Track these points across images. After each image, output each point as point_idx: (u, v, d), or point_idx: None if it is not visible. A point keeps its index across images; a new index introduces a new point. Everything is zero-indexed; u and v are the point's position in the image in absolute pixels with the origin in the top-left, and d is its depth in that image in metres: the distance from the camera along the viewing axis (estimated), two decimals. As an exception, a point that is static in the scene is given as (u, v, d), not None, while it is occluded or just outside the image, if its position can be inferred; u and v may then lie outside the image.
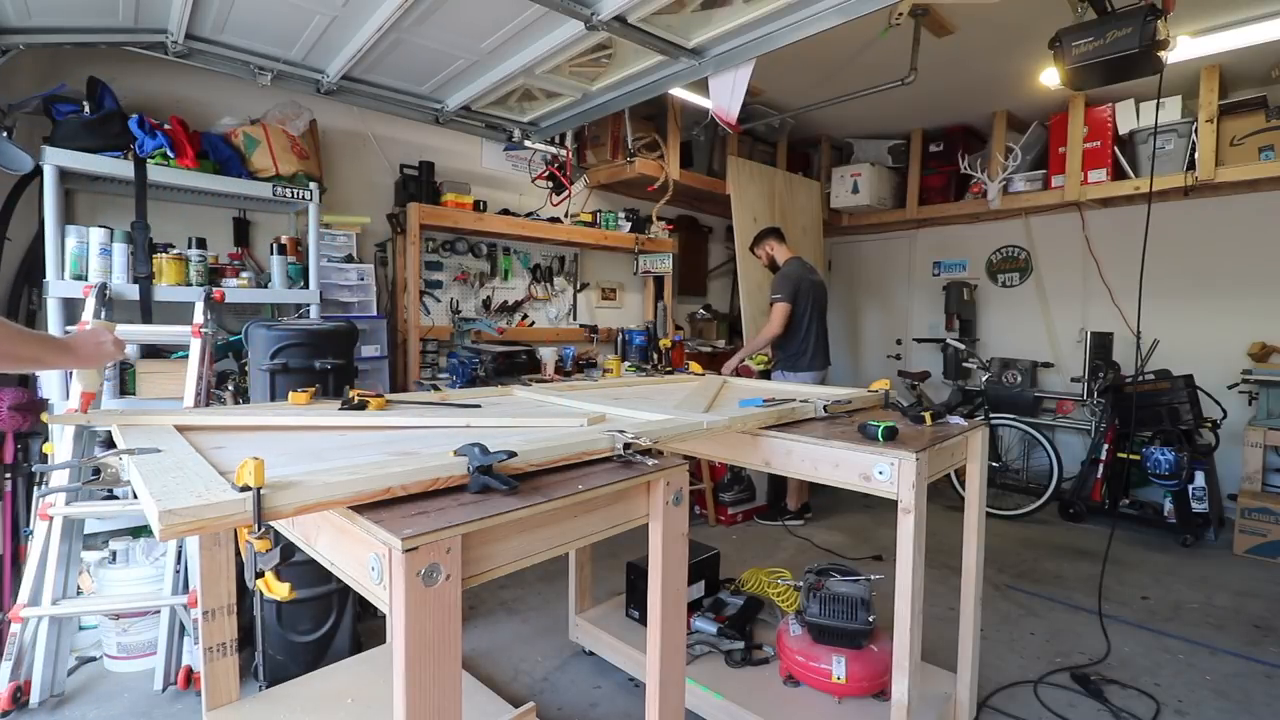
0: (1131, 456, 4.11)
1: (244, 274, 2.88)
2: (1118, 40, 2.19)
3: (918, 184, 5.32)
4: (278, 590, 0.94)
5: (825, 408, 1.92)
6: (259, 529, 0.85)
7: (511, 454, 1.07)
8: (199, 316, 2.44)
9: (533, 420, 1.53)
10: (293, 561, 2.33)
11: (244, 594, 2.05)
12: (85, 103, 2.51)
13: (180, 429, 1.31)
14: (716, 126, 4.37)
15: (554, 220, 4.34)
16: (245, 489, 0.83)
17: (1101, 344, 4.59)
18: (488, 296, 4.27)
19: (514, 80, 2.86)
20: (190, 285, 2.62)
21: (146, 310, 2.50)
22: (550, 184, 4.31)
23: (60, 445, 2.23)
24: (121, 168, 2.49)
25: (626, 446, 1.27)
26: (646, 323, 4.75)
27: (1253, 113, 3.88)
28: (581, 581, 2.59)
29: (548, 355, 4.00)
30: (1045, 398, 5.02)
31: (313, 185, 2.99)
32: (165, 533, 0.77)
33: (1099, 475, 4.24)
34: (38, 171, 2.37)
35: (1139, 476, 4.11)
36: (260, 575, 0.94)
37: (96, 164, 2.44)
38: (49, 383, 2.42)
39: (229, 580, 1.80)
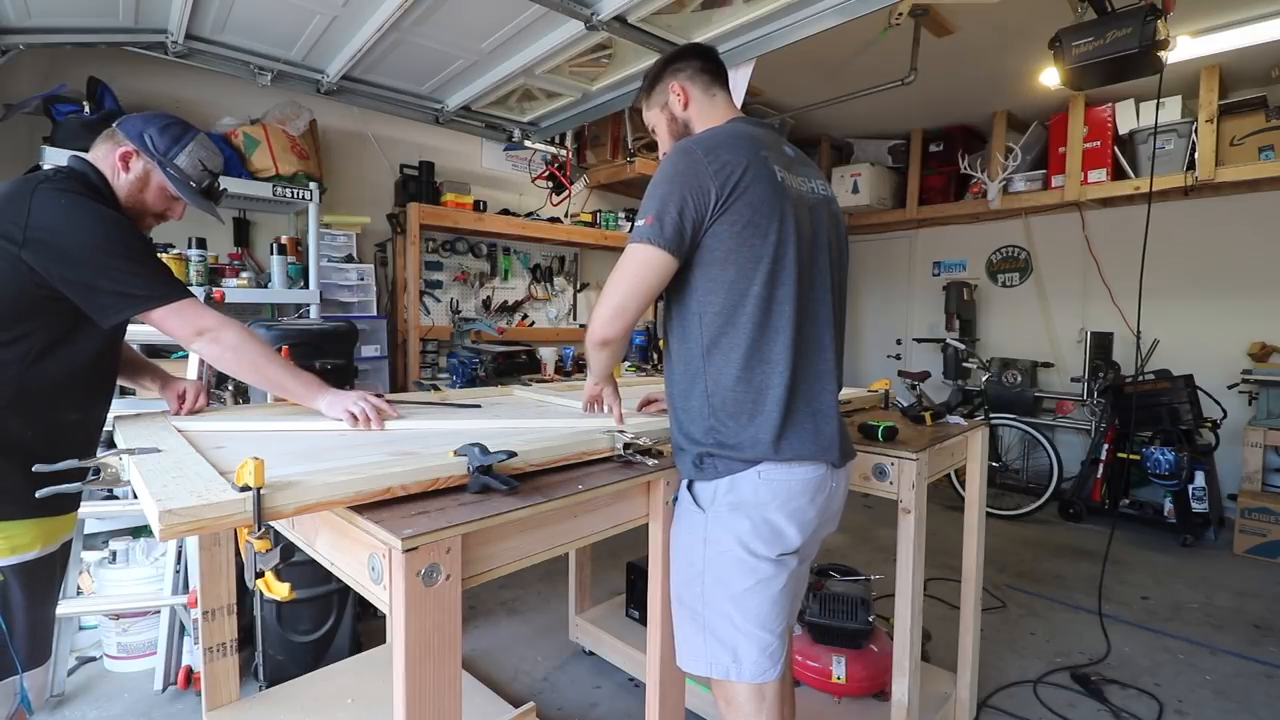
0: (1131, 456, 4.11)
1: (244, 274, 2.88)
2: (1118, 40, 2.19)
3: (918, 184, 5.32)
4: (278, 590, 0.94)
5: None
6: (259, 529, 0.85)
7: (511, 454, 1.06)
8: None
9: (532, 422, 1.52)
10: (293, 561, 2.32)
11: (244, 594, 2.05)
12: (85, 103, 2.51)
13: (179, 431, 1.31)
14: (716, 126, 4.37)
15: (554, 220, 4.34)
16: (245, 489, 0.83)
17: (1101, 344, 4.59)
18: (488, 296, 4.27)
19: (514, 80, 2.86)
20: (190, 285, 2.61)
21: (146, 310, 2.51)
22: (550, 184, 4.31)
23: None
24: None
25: (627, 446, 1.27)
26: (646, 323, 4.75)
27: (1253, 113, 3.88)
28: (581, 581, 2.59)
29: (548, 355, 4.00)
30: (1045, 398, 5.02)
31: (313, 185, 2.99)
32: (165, 533, 0.77)
33: (1099, 475, 4.24)
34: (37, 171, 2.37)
35: (1139, 476, 4.11)
36: (260, 575, 0.94)
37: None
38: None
39: (229, 580, 1.80)
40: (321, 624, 2.31)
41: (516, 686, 2.35)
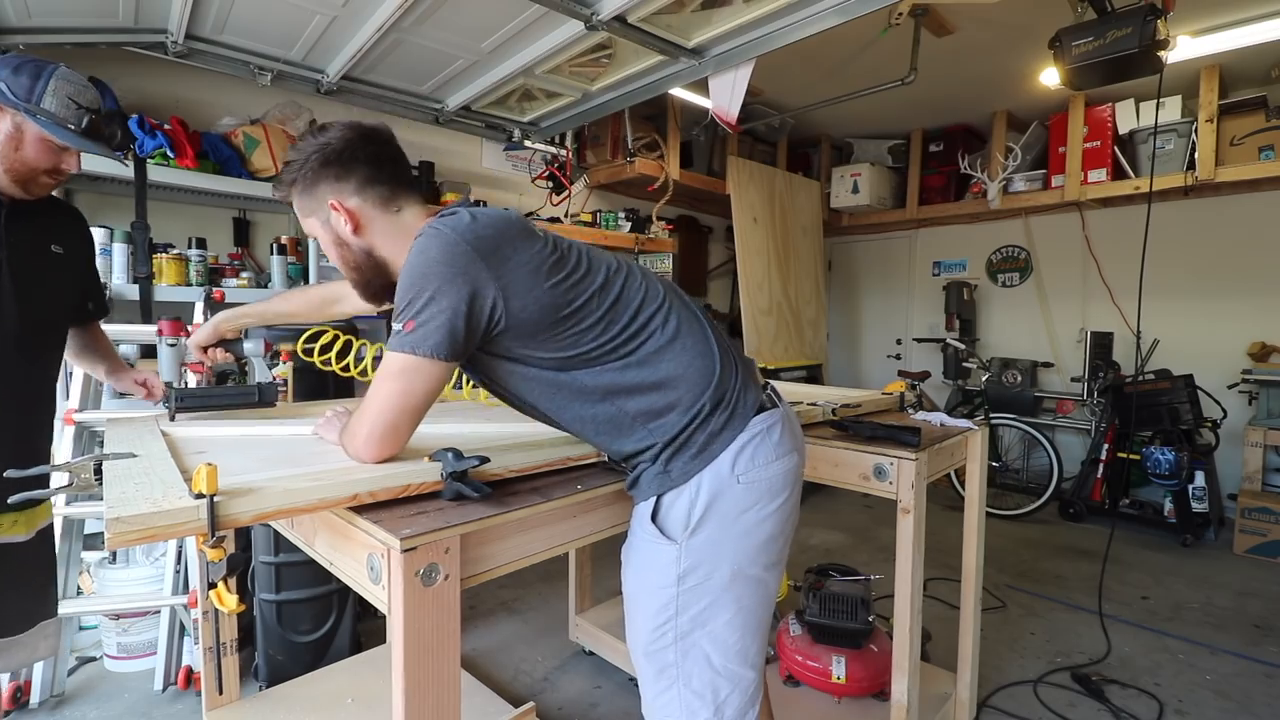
0: (1131, 456, 4.11)
1: (244, 274, 2.87)
2: (1118, 40, 2.19)
3: (918, 184, 5.32)
4: (228, 603, 0.90)
5: (834, 411, 1.89)
6: (212, 538, 0.82)
7: (484, 460, 1.02)
8: (199, 316, 2.44)
9: (532, 426, 1.50)
10: (293, 562, 2.32)
11: (244, 594, 2.05)
12: (85, 103, 2.50)
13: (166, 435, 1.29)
14: (716, 126, 4.37)
15: (554, 220, 4.34)
16: (200, 496, 0.81)
17: (1101, 344, 4.59)
18: (488, 296, 4.26)
19: (514, 80, 2.86)
20: (190, 285, 2.61)
21: (146, 310, 2.50)
22: (550, 184, 4.31)
23: (60, 447, 2.23)
24: (121, 168, 2.49)
25: None
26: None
27: (1253, 113, 3.88)
28: (581, 581, 2.59)
29: (548, 355, 3.99)
30: (1045, 398, 5.02)
31: (313, 185, 2.98)
32: (113, 541, 0.74)
33: (1099, 475, 4.24)
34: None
35: (1139, 476, 4.11)
36: (213, 586, 0.90)
37: (96, 164, 2.44)
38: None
39: (229, 580, 1.80)
40: (321, 624, 2.31)
41: (516, 686, 2.35)
